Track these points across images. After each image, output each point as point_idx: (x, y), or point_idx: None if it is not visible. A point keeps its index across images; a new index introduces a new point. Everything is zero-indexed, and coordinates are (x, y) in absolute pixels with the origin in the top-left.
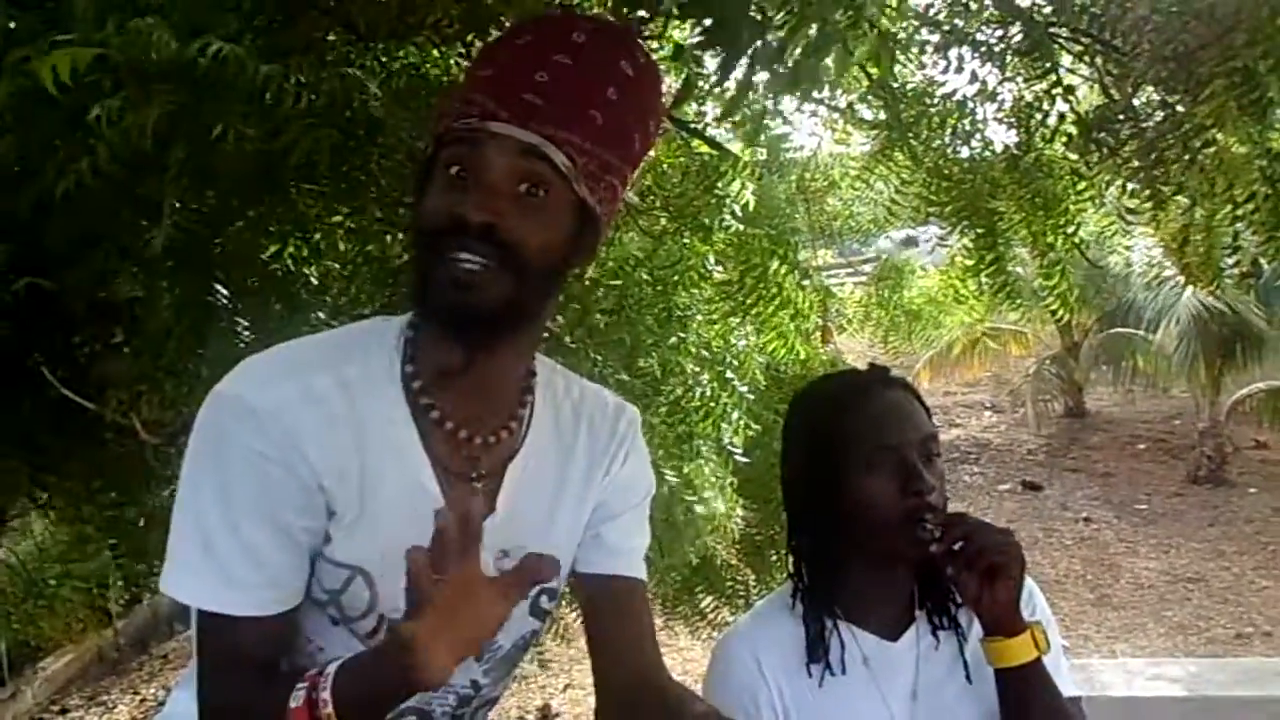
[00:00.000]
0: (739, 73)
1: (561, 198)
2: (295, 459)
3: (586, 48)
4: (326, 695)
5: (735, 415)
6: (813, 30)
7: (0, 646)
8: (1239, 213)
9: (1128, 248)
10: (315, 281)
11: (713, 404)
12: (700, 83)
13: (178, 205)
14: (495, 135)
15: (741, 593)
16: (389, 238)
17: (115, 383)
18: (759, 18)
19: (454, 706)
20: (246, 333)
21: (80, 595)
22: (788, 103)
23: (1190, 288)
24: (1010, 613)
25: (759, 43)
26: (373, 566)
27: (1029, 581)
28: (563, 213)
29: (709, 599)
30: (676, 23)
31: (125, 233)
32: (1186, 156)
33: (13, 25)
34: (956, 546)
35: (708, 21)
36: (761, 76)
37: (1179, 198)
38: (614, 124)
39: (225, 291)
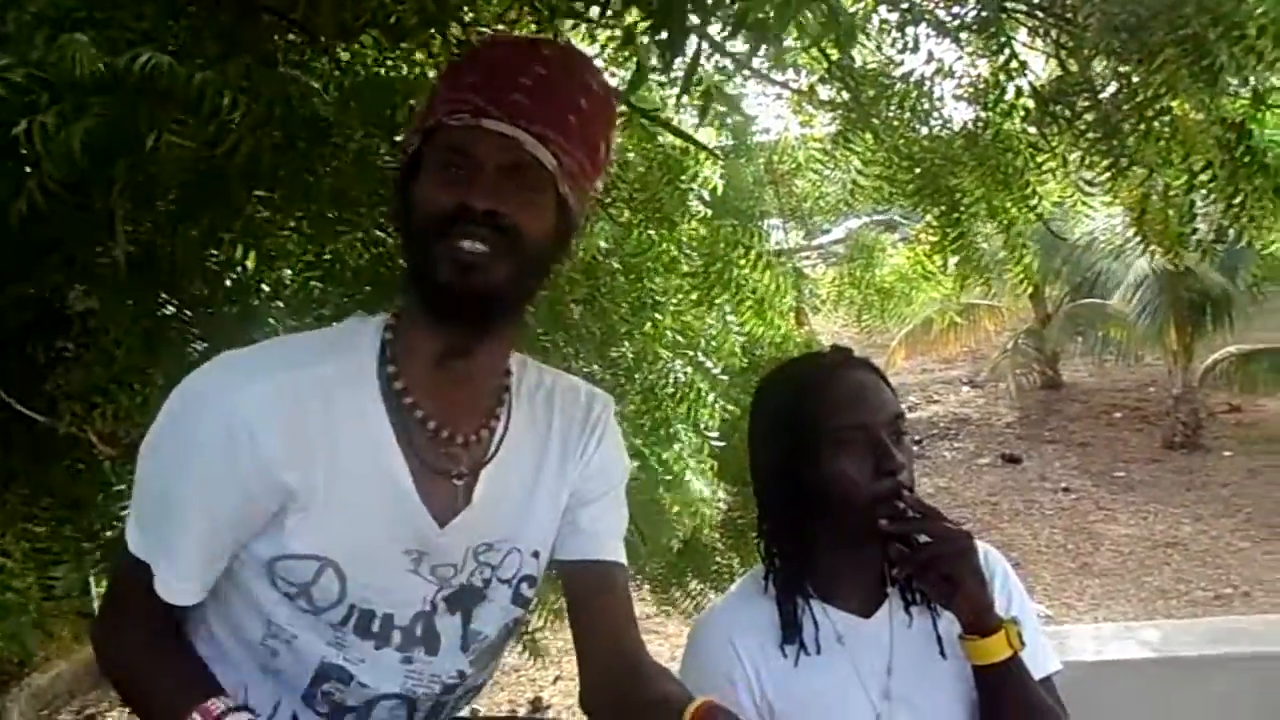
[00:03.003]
0: (689, 53)
1: (547, 193)
2: (246, 457)
3: (557, 63)
4: None
5: (710, 398)
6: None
7: None
8: (1196, 181)
9: (1090, 219)
10: (268, 288)
11: (687, 389)
12: (658, 73)
13: (126, 216)
14: (488, 131)
15: (727, 575)
16: (343, 238)
17: (69, 395)
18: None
19: (438, 694)
20: (200, 341)
21: (61, 608)
22: (751, 86)
23: (1150, 256)
24: (978, 614)
25: (706, 23)
26: (342, 557)
27: (1004, 569)
28: (548, 206)
29: (695, 583)
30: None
31: (73, 245)
32: (1142, 126)
33: None
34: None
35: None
36: (713, 57)
37: (1136, 168)
38: (585, 130)
39: (176, 301)
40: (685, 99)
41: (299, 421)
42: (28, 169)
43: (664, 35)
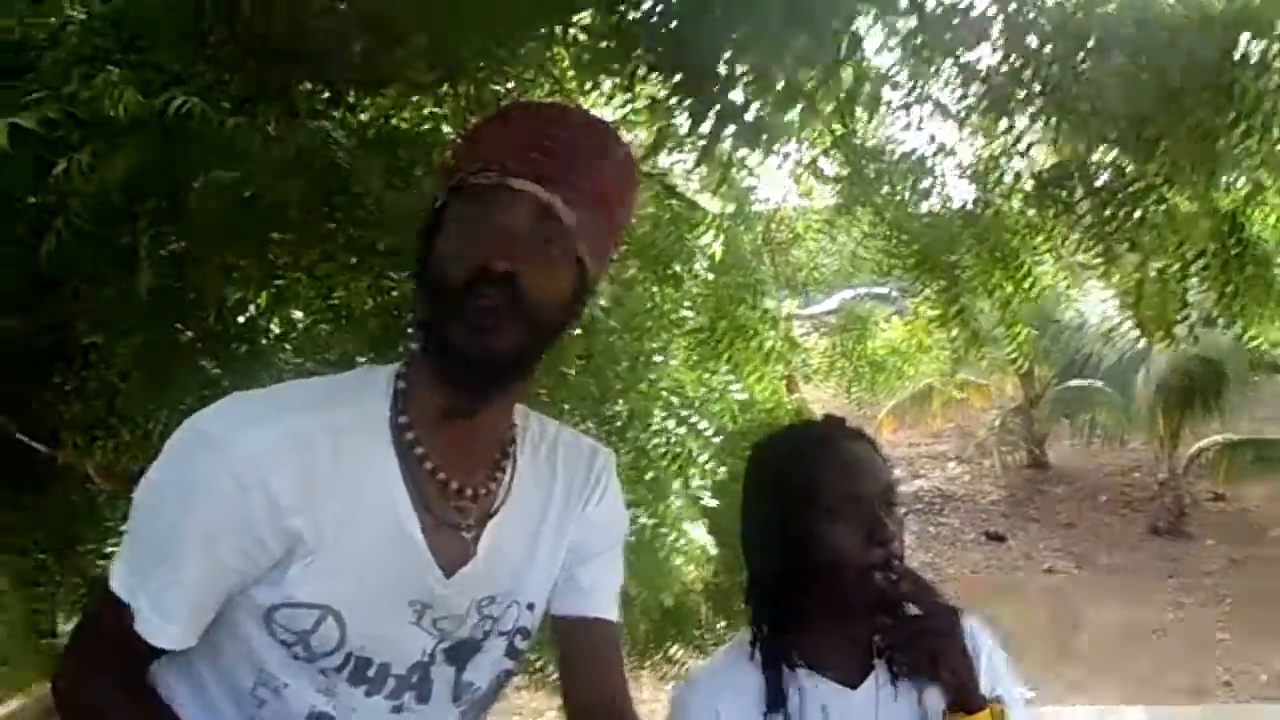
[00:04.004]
0: (707, 125)
1: (568, 255)
2: (256, 502)
3: (581, 128)
4: None
5: (703, 459)
6: (779, 86)
7: None
8: (1189, 269)
9: (1081, 301)
10: (277, 330)
11: (678, 449)
12: (670, 137)
13: (146, 253)
14: (515, 191)
15: (711, 641)
16: (353, 285)
17: (71, 425)
18: (725, 72)
19: None
20: (207, 378)
21: (25, 646)
22: (753, 156)
23: (1144, 341)
24: (963, 692)
25: (726, 97)
26: (343, 606)
27: (990, 646)
28: (568, 270)
29: (676, 648)
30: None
31: (85, 278)
32: (1138, 214)
33: None
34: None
35: (678, 77)
36: (728, 130)
37: (1131, 254)
38: (608, 196)
39: (188, 335)
40: (700, 166)
41: (310, 467)
42: (43, 203)
43: (687, 104)
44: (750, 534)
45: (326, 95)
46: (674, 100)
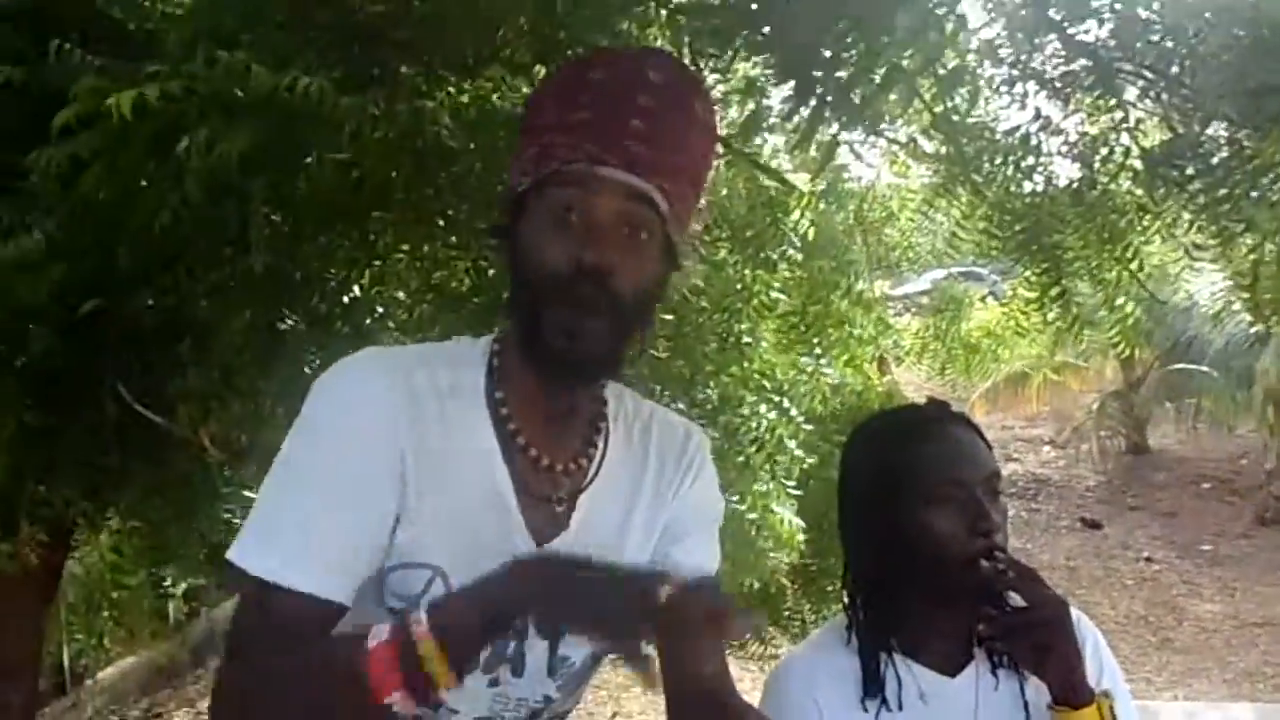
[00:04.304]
0: (808, 109)
1: (657, 240)
2: (391, 443)
3: (664, 89)
4: (421, 615)
5: (792, 445)
6: (881, 69)
7: (64, 655)
8: None
9: (1189, 282)
10: (380, 309)
11: (769, 435)
12: (765, 115)
13: (257, 232)
14: (605, 180)
15: (798, 622)
16: (455, 265)
17: (186, 399)
18: (828, 54)
19: (524, 718)
20: (313, 356)
21: (140, 606)
22: (855, 136)
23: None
24: (1071, 686)
25: (830, 78)
26: (448, 566)
27: (1095, 638)
28: (657, 255)
29: (769, 628)
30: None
31: (197, 255)
32: (1255, 193)
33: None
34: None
35: (778, 57)
36: (829, 111)
37: (1247, 235)
38: (694, 167)
39: (294, 315)
40: (800, 148)
41: (421, 423)
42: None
43: (787, 85)
44: (849, 520)
45: (427, 77)
46: (772, 81)
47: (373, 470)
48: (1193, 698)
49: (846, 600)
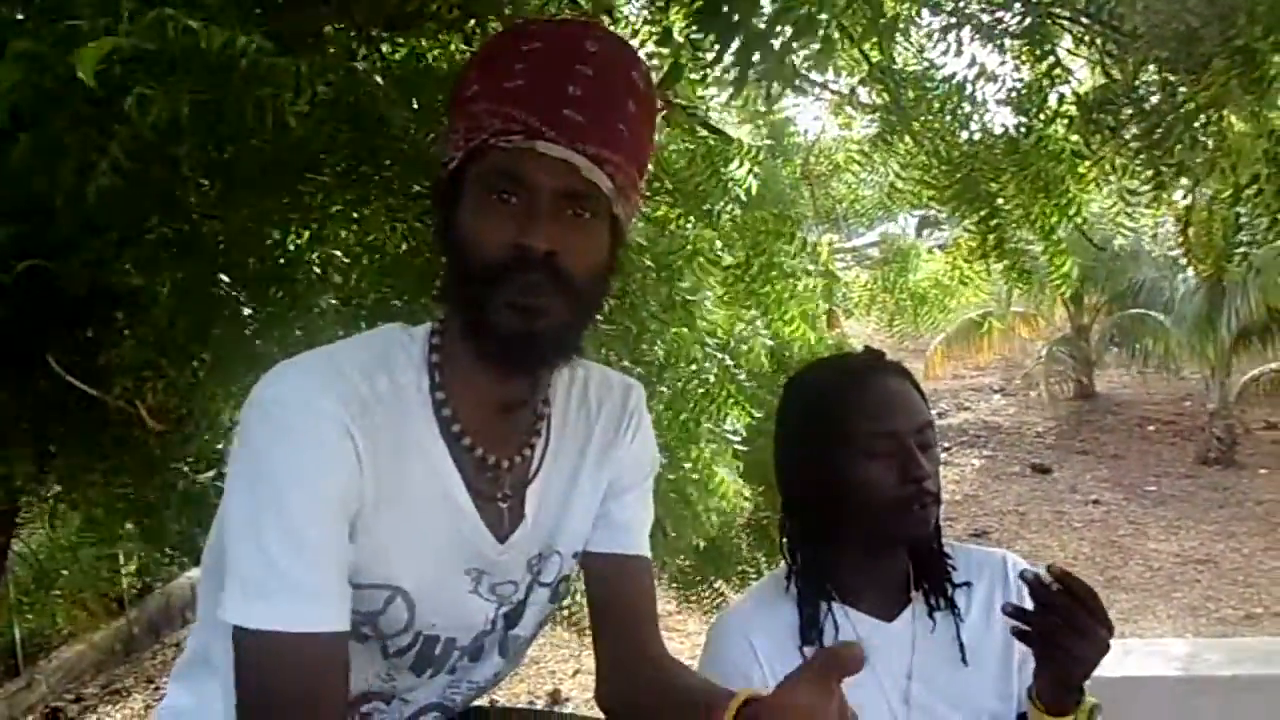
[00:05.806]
0: (733, 56)
1: (603, 217)
2: (348, 460)
3: (601, 58)
4: None
5: (739, 398)
6: (802, 10)
7: (15, 636)
8: (1242, 194)
9: (1134, 229)
10: (318, 270)
11: (717, 389)
12: (696, 68)
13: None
14: (542, 155)
15: (752, 575)
16: (390, 227)
17: (120, 369)
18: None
19: (473, 695)
20: (250, 320)
21: (91, 583)
22: (781, 87)
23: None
24: (1064, 691)
25: (748, 25)
26: (410, 585)
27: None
28: (603, 231)
29: (719, 582)
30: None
31: (127, 220)
32: (1188, 137)
33: (20, 18)
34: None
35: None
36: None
37: (1181, 179)
38: (635, 137)
39: (228, 279)
40: (733, 100)
41: (372, 434)
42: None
43: (711, 33)
44: (784, 468)
45: (355, 36)
46: (698, 32)
47: (336, 493)
48: (1138, 634)
49: (785, 549)
